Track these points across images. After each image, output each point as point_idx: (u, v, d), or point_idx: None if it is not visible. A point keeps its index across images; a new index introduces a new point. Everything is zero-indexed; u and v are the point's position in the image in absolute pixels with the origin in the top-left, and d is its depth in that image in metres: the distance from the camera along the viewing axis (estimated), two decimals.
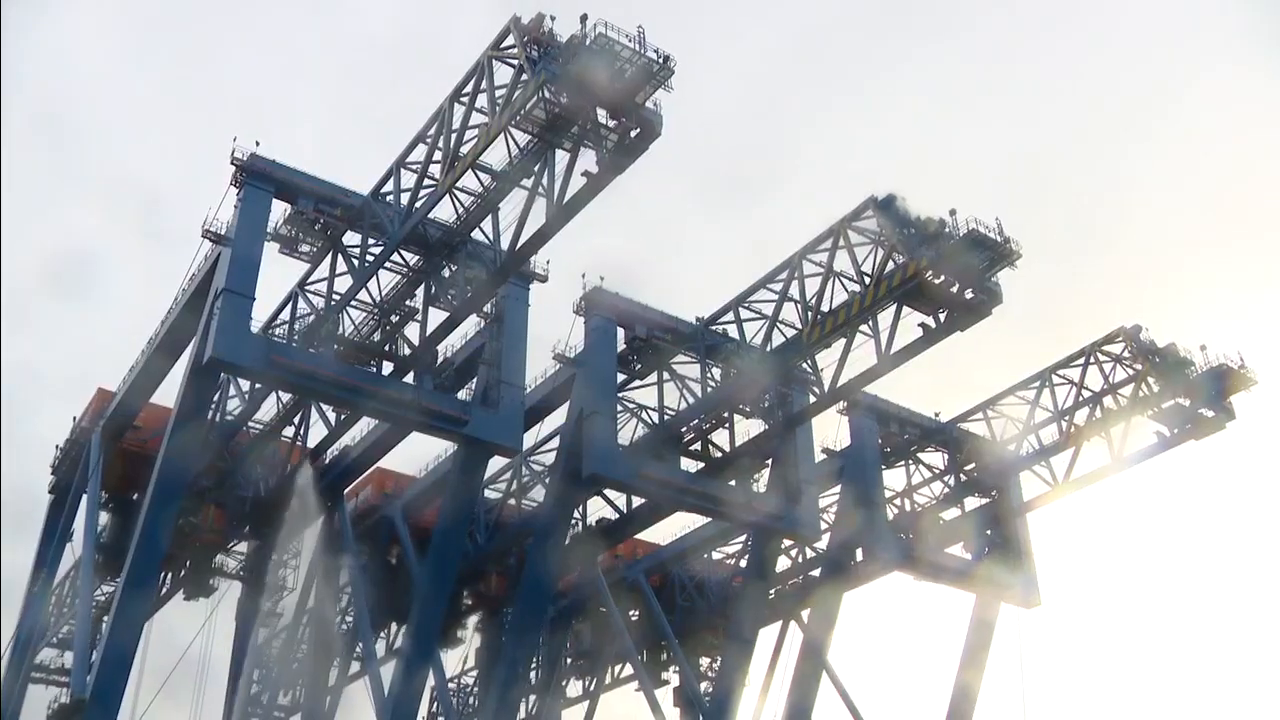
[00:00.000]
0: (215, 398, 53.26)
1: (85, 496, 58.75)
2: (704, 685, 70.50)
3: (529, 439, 56.06)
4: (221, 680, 61.43)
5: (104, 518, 62.66)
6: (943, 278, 44.93)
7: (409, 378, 48.94)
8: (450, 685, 66.34)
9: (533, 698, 69.33)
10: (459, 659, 71.61)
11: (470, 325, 51.41)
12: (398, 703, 50.04)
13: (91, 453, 57.57)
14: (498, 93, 40.24)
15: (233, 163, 47.44)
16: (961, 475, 61.02)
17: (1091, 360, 55.33)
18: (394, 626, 68.56)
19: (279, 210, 48.43)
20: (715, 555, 70.31)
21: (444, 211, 44.53)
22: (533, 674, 69.39)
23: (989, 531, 61.85)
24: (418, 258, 46.93)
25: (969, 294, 45.30)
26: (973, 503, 61.65)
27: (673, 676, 73.74)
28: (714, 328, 53.60)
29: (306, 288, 49.15)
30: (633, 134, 38.55)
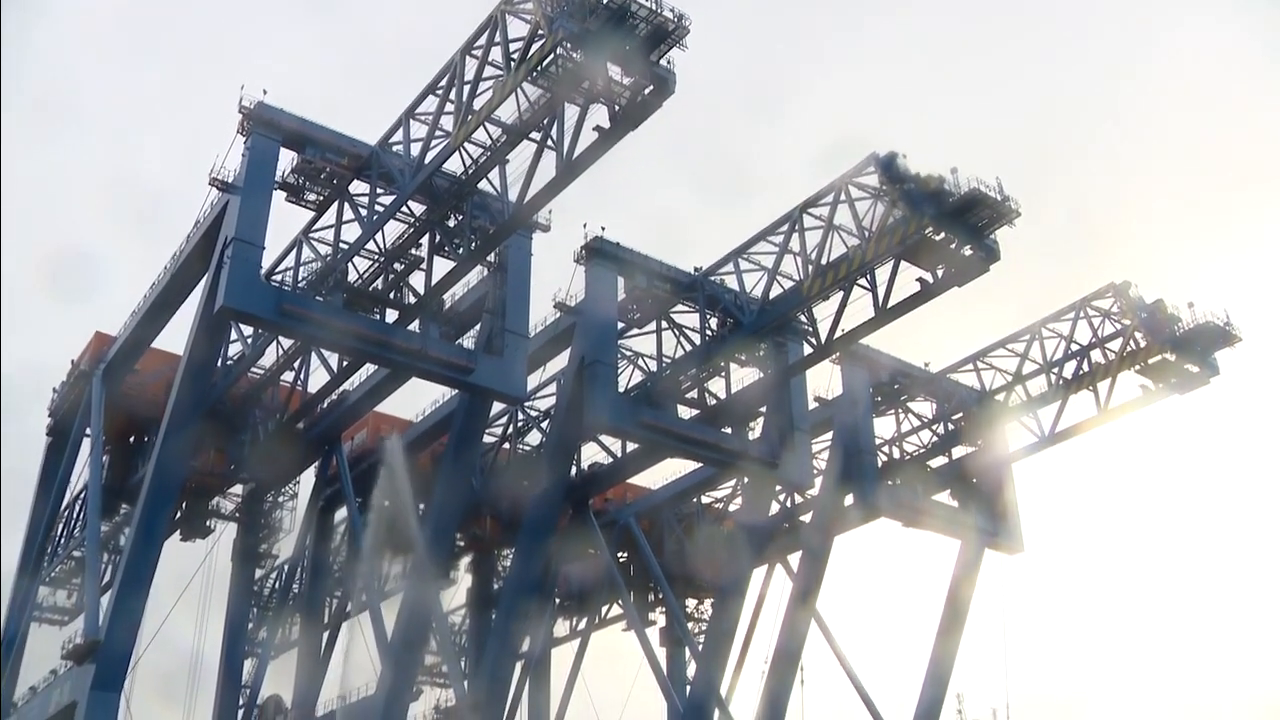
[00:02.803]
0: None
1: (87, 438, 59.22)
2: (690, 626, 72.28)
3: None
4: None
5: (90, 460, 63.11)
6: (942, 235, 45.91)
7: (414, 325, 49.52)
8: None
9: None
10: (449, 598, 72.92)
11: (472, 272, 51.91)
12: (403, 642, 50.97)
13: (93, 395, 57.85)
14: (511, 46, 40.55)
15: (240, 111, 47.49)
16: (949, 424, 62.27)
17: (1081, 315, 56.52)
18: (386, 565, 69.51)
19: (285, 159, 48.71)
20: (705, 499, 71.68)
21: (451, 162, 44.84)
22: None
23: (975, 480, 63.23)
24: (424, 207, 47.39)
25: (967, 251, 46.32)
26: (960, 451, 62.89)
27: (659, 618, 75.51)
28: (713, 278, 54.43)
29: (311, 235, 49.57)
30: (646, 91, 39.01)
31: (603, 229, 54.42)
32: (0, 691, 58.26)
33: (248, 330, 54.54)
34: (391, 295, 49.30)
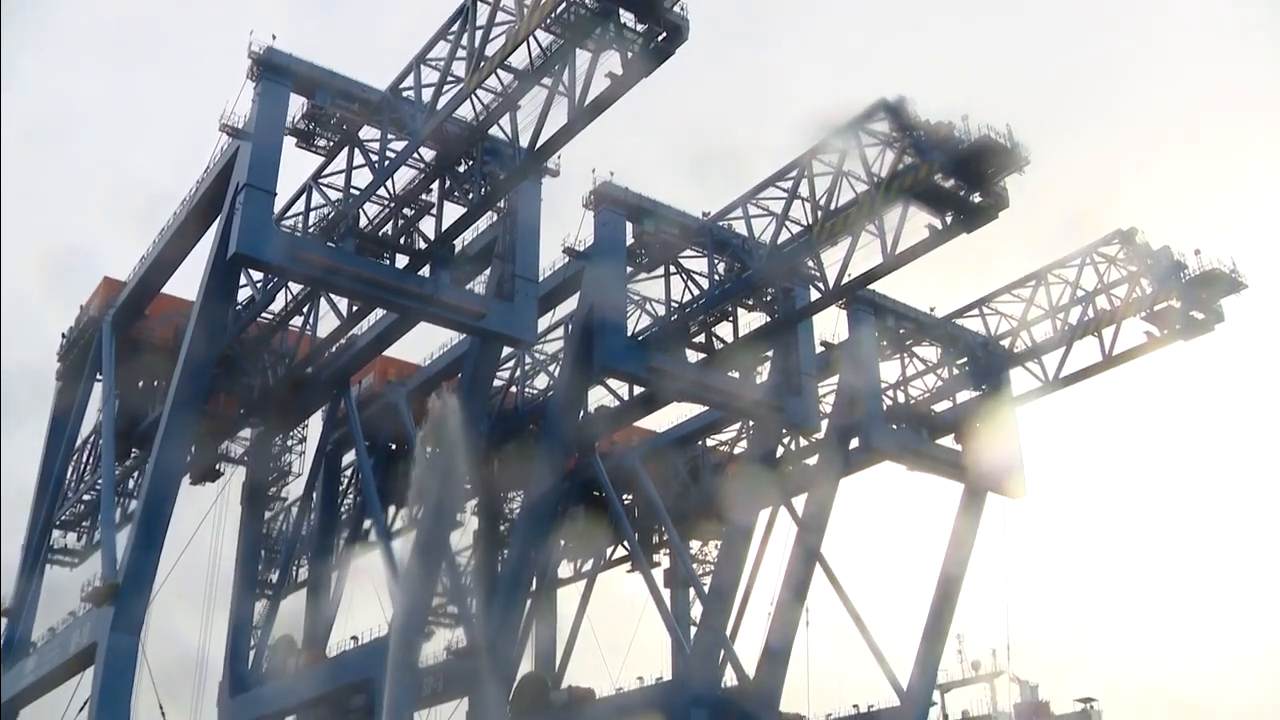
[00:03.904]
0: None
1: (98, 383, 59.60)
2: (694, 568, 73.01)
3: None
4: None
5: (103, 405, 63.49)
6: (951, 181, 46.09)
7: (424, 270, 49.69)
8: None
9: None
10: (455, 540, 73.54)
11: (482, 218, 52.01)
12: (416, 583, 51.62)
13: (103, 341, 58.08)
14: None
15: (250, 56, 47.38)
16: (954, 368, 62.68)
17: (1087, 261, 56.73)
18: (393, 509, 70.11)
19: (295, 105, 48.63)
20: (709, 442, 72.17)
21: (462, 108, 44.76)
22: None
23: (978, 425, 63.67)
24: (434, 153, 47.44)
25: (976, 197, 46.51)
26: (964, 396, 63.32)
27: (663, 559, 76.29)
28: (721, 224, 54.61)
29: (320, 181, 49.61)
30: (659, 38, 38.97)
31: (611, 174, 54.66)
32: (18, 631, 59.18)
33: (257, 275, 54.60)
34: (402, 241, 49.50)
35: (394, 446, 65.82)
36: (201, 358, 49.05)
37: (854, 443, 62.01)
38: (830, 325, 61.56)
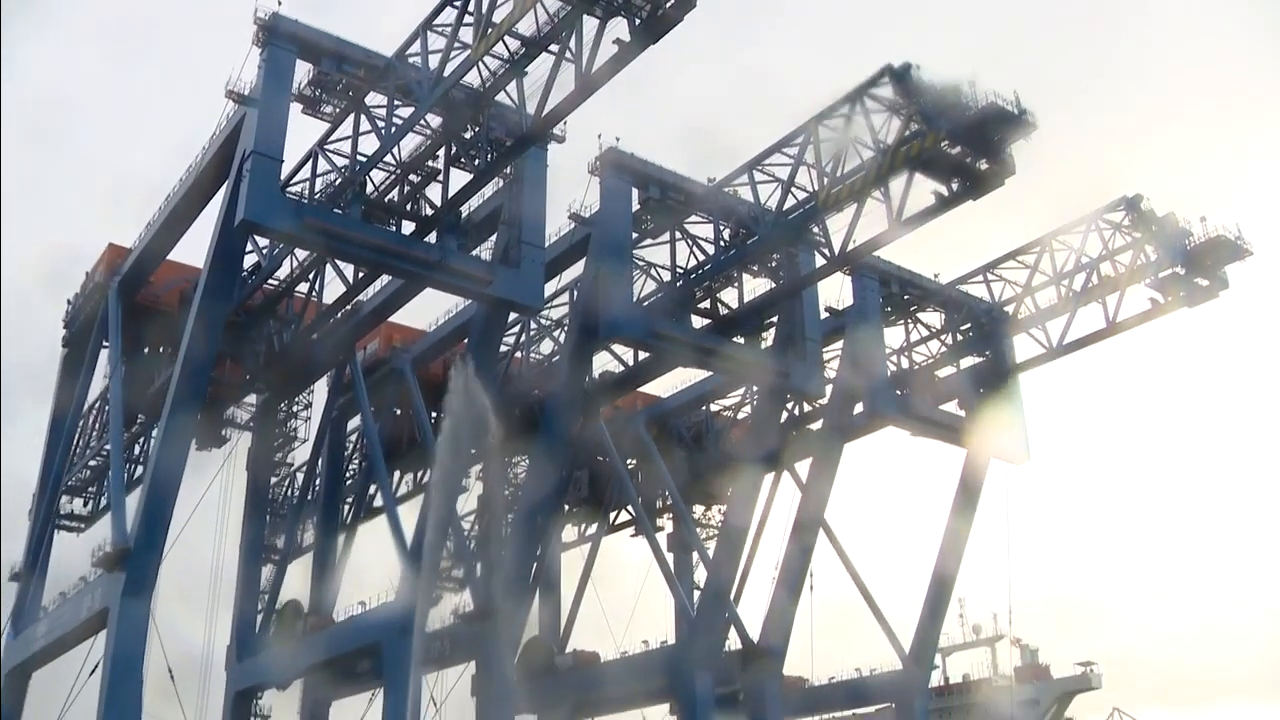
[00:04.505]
0: None
1: (105, 349, 59.82)
2: (698, 533, 73.47)
3: None
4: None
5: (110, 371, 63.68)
6: (959, 148, 46.06)
7: (431, 237, 49.75)
8: None
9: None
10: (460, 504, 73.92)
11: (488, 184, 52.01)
12: (423, 547, 51.97)
13: (110, 307, 58.21)
14: None
15: (255, 22, 47.24)
16: (958, 335, 62.88)
17: (1092, 228, 56.77)
18: (397, 475, 70.45)
19: (301, 71, 48.58)
20: (713, 407, 72.48)
21: (469, 74, 44.76)
22: None
23: (982, 390, 63.95)
24: (441, 119, 47.38)
25: (983, 164, 46.50)
26: (968, 362, 63.57)
27: (666, 524, 76.73)
28: (727, 189, 54.63)
29: (326, 147, 49.59)
30: (667, 4, 38.88)
31: (617, 139, 54.67)
32: (29, 596, 59.68)
33: (263, 242, 54.73)
34: (408, 207, 49.56)
35: (399, 412, 66.16)
36: (210, 324, 49.10)
37: (857, 408, 62.36)
38: (835, 292, 61.86)
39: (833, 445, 62.50)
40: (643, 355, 59.69)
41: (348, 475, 68.98)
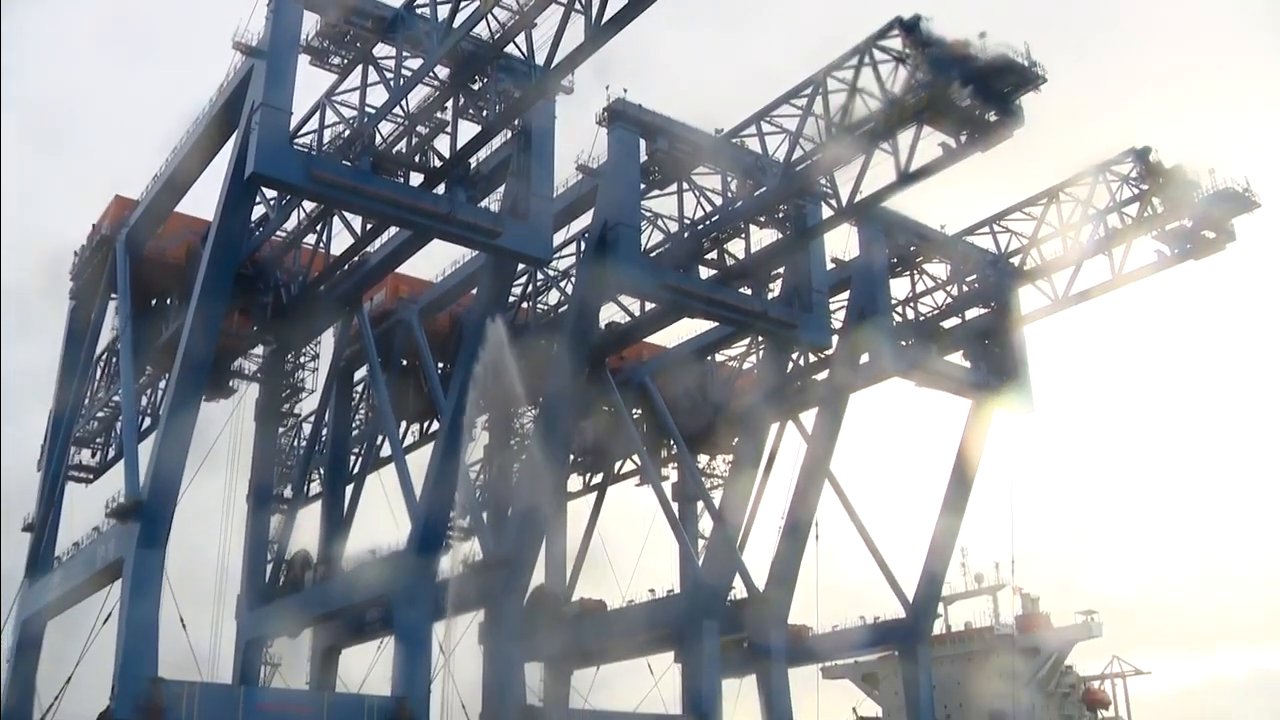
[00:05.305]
0: None
1: (112, 301, 59.99)
2: (703, 482, 73.93)
3: None
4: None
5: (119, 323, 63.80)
6: (967, 99, 45.99)
7: (439, 189, 49.69)
8: None
9: None
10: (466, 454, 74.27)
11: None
12: (432, 499, 52.37)
13: (118, 259, 58.26)
14: None
15: None
16: (964, 286, 63.05)
17: (1099, 180, 56.74)
18: (404, 425, 70.79)
19: (309, 22, 48.35)
20: (719, 357, 72.71)
21: (478, 25, 44.56)
22: None
23: (987, 342, 64.25)
24: (449, 71, 47.23)
25: (991, 115, 46.46)
26: (974, 313, 63.75)
27: (671, 474, 77.22)
28: (734, 140, 54.57)
29: (334, 99, 49.45)
30: None
31: (625, 91, 54.53)
32: (42, 546, 60.20)
33: (271, 194, 54.55)
34: (417, 159, 49.45)
35: (405, 363, 66.41)
36: (219, 277, 49.13)
37: (863, 358, 62.62)
38: (842, 242, 61.95)
39: (838, 396, 62.78)
40: (650, 306, 59.94)
41: (355, 426, 69.32)
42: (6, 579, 61.20)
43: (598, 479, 77.32)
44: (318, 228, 56.68)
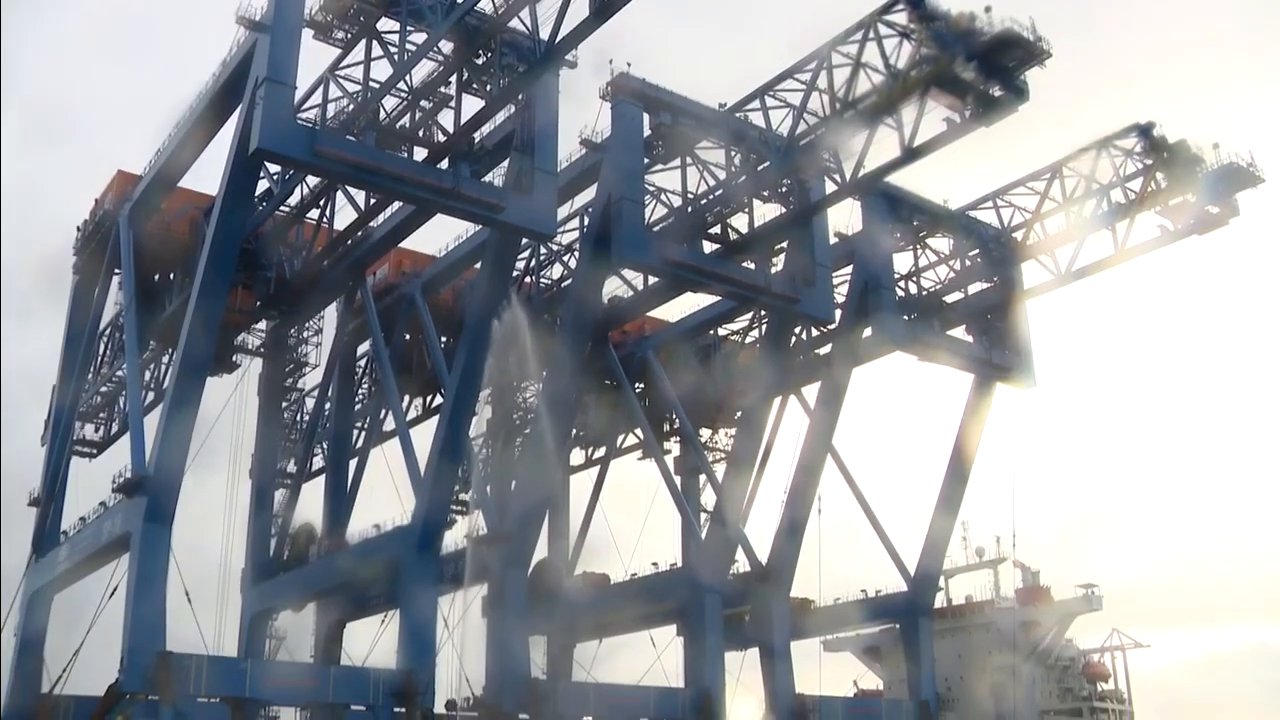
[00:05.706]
0: None
1: (115, 276, 59.99)
2: (706, 456, 74.06)
3: None
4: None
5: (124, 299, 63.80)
6: (971, 74, 45.90)
7: (443, 163, 49.59)
8: None
9: None
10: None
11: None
12: (436, 474, 52.51)
13: (121, 234, 58.19)
14: None
15: None
16: (967, 260, 63.03)
17: (1103, 154, 56.63)
18: (407, 399, 70.88)
19: None
20: (722, 331, 72.76)
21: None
22: None
23: (990, 317, 64.30)
24: (453, 45, 47.09)
25: (996, 90, 46.38)
26: (976, 288, 63.80)
27: (674, 448, 77.39)
28: (738, 115, 54.47)
29: (337, 73, 49.27)
30: None
31: (629, 65, 54.35)
32: (49, 520, 60.42)
33: (275, 169, 54.50)
34: (420, 134, 49.35)
35: (408, 337, 66.46)
36: (224, 252, 49.08)
37: (866, 333, 62.68)
38: (845, 217, 61.95)
39: (841, 371, 62.88)
40: (653, 280, 59.96)
41: (358, 400, 69.44)
42: (12, 553, 61.59)
43: (600, 453, 77.33)
44: (321, 203, 56.56)
